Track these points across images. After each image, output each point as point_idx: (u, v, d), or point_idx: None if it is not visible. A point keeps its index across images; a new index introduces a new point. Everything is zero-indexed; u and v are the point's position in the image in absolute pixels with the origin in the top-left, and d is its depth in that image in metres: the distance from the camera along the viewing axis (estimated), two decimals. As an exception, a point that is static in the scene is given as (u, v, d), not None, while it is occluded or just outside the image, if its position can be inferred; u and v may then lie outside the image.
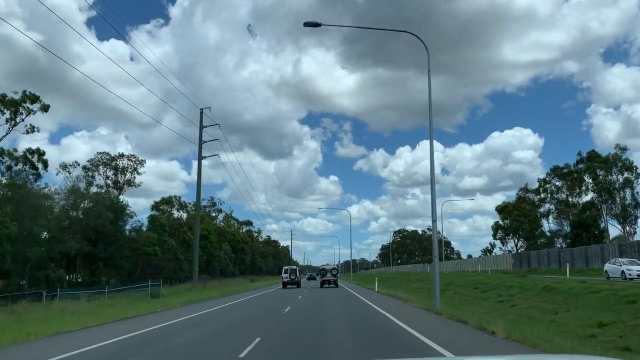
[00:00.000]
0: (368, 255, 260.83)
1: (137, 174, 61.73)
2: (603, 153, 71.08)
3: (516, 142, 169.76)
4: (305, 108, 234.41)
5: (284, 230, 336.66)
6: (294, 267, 56.59)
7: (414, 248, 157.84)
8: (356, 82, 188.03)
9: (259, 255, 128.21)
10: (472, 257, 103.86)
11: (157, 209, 68.65)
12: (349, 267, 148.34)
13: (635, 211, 67.44)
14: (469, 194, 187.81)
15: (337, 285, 49.37)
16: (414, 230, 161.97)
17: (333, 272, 50.80)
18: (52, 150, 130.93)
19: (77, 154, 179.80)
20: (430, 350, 9.05)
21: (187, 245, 63.31)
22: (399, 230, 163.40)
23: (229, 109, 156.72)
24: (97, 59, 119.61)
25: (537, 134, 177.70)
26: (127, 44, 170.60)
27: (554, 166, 78.85)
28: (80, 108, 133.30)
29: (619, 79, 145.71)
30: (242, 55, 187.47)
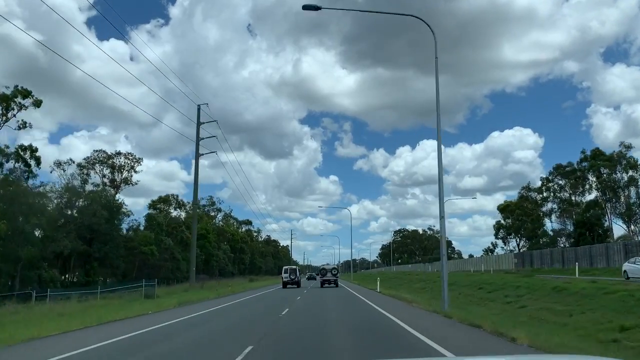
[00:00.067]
0: (368, 255, 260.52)
1: (134, 172, 60.87)
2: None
3: (516, 142, 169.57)
4: (305, 108, 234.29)
5: (284, 230, 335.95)
6: (294, 267, 56.21)
7: (415, 248, 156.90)
8: (356, 82, 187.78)
9: (258, 255, 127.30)
10: (474, 256, 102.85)
11: (154, 207, 67.59)
12: (349, 266, 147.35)
13: (641, 210, 66.47)
14: (468, 193, 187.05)
15: (337, 285, 49.24)
16: (415, 230, 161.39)
17: (333, 272, 50.71)
18: (52, 150, 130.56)
19: (77, 154, 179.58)
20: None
21: (184, 244, 62.33)
22: (400, 230, 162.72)
23: (229, 108, 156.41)
24: (97, 59, 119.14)
25: (537, 134, 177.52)
26: (127, 42, 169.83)
27: (557, 164, 77.87)
28: (80, 108, 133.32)
29: (619, 78, 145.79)
30: (242, 55, 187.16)
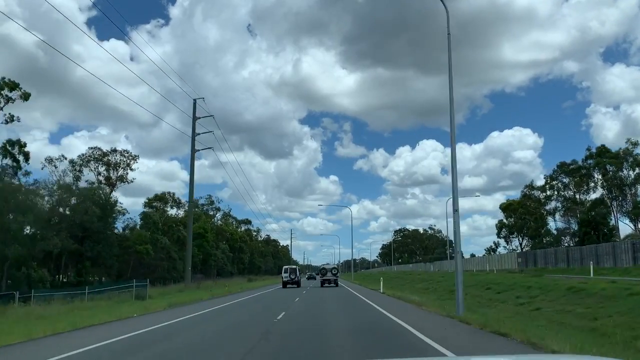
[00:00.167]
0: (368, 255, 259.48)
1: (130, 169, 59.41)
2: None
3: (516, 141, 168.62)
4: (305, 108, 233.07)
5: (284, 230, 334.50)
6: (294, 267, 55.69)
7: (415, 247, 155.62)
8: (356, 82, 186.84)
9: (258, 255, 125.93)
10: (475, 256, 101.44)
11: (150, 205, 66.03)
12: (349, 266, 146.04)
13: (647, 208, 65.06)
14: (468, 193, 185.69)
15: (337, 285, 49.31)
16: (415, 230, 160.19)
17: (333, 272, 50.85)
18: (52, 150, 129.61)
19: (77, 154, 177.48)
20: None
21: (181, 243, 60.85)
22: (400, 230, 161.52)
23: (229, 108, 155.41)
24: (97, 59, 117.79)
25: (536, 134, 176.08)
26: (127, 43, 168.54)
27: (561, 162, 76.57)
28: (80, 108, 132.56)
29: (618, 78, 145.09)
30: (242, 55, 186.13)
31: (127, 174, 58.94)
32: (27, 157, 37.89)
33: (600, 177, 68.95)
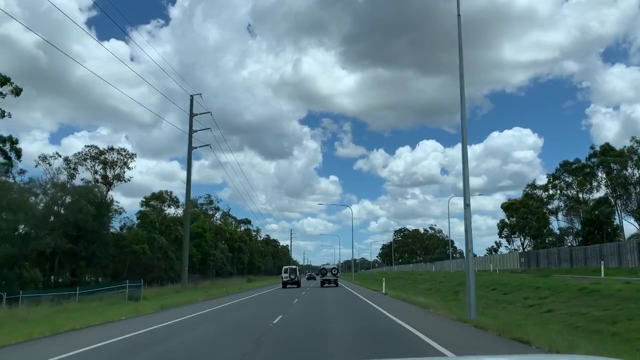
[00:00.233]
0: (368, 255, 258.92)
1: (127, 168, 58.47)
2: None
3: (516, 142, 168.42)
4: (305, 108, 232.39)
5: (284, 230, 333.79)
6: (294, 267, 55.27)
7: (416, 247, 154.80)
8: (356, 82, 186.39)
9: (257, 255, 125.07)
10: (477, 256, 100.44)
11: (147, 204, 64.99)
12: (349, 266, 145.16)
13: (653, 207, 64.09)
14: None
15: (337, 285, 49.41)
16: (416, 229, 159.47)
17: (333, 272, 50.89)
18: (52, 150, 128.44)
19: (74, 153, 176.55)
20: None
21: (179, 243, 59.80)
22: (400, 230, 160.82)
23: (229, 109, 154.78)
24: (97, 60, 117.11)
25: (536, 134, 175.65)
26: (127, 43, 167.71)
27: (564, 161, 75.75)
28: (80, 108, 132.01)
29: (618, 78, 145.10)
30: (242, 55, 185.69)
31: (124, 172, 58.13)
32: (19, 154, 36.87)
33: (604, 175, 67.99)
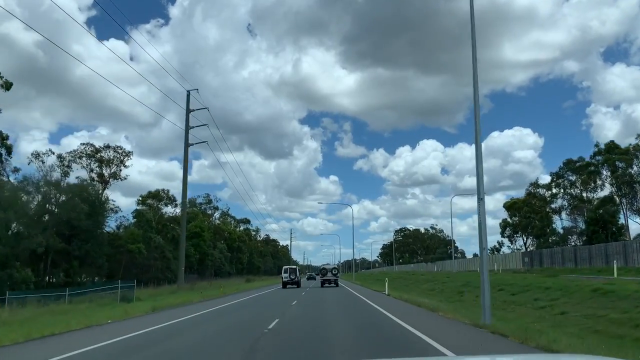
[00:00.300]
0: (368, 255, 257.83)
1: (124, 166, 57.34)
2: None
3: (516, 141, 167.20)
4: (305, 108, 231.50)
5: (284, 230, 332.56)
6: (294, 267, 54.62)
7: (417, 247, 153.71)
8: (356, 82, 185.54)
9: (257, 255, 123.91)
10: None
11: (143, 203, 63.83)
12: (349, 266, 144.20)
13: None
14: (469, 193, 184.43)
15: (337, 285, 49.26)
16: (417, 229, 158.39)
17: (333, 272, 50.71)
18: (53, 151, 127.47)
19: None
20: None
21: (176, 243, 58.73)
22: (401, 229, 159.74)
23: (229, 109, 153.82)
24: (97, 59, 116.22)
25: (536, 134, 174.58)
26: (127, 42, 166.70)
27: (567, 159, 74.62)
28: (80, 108, 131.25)
29: (619, 78, 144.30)
30: (242, 55, 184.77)
31: (121, 170, 57.00)
32: (9, 150, 35.82)
33: (609, 174, 66.89)
